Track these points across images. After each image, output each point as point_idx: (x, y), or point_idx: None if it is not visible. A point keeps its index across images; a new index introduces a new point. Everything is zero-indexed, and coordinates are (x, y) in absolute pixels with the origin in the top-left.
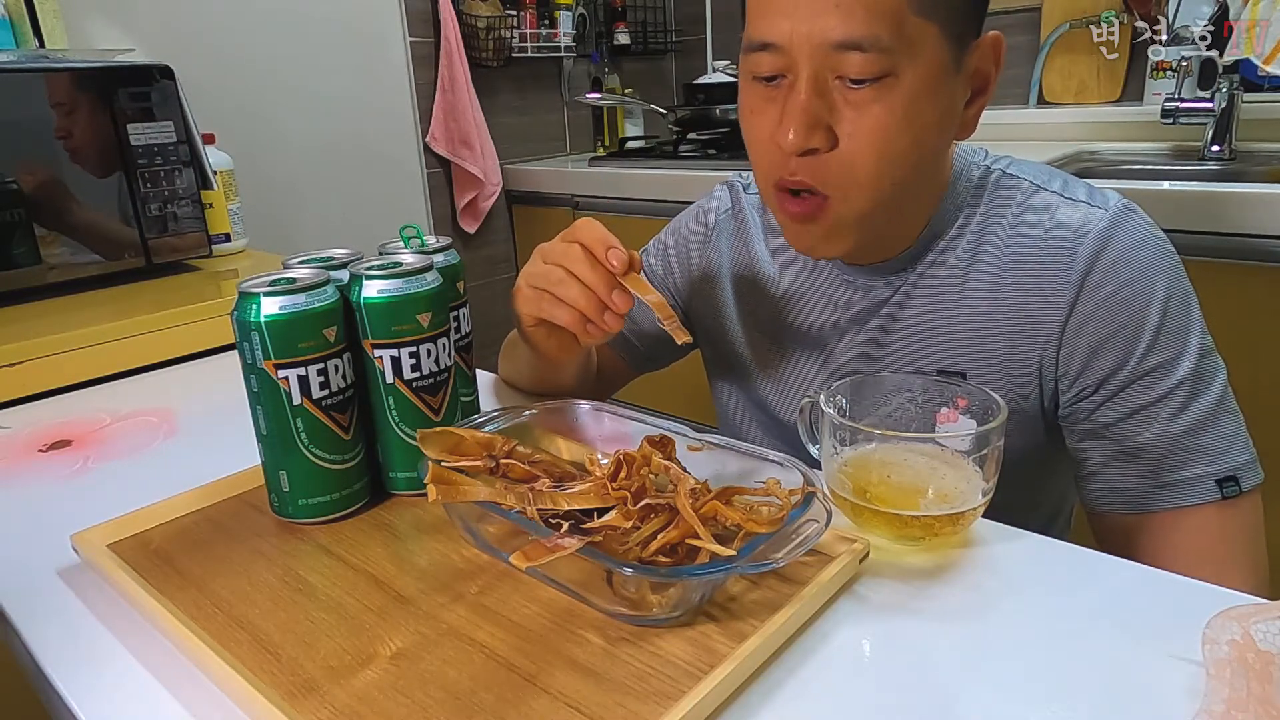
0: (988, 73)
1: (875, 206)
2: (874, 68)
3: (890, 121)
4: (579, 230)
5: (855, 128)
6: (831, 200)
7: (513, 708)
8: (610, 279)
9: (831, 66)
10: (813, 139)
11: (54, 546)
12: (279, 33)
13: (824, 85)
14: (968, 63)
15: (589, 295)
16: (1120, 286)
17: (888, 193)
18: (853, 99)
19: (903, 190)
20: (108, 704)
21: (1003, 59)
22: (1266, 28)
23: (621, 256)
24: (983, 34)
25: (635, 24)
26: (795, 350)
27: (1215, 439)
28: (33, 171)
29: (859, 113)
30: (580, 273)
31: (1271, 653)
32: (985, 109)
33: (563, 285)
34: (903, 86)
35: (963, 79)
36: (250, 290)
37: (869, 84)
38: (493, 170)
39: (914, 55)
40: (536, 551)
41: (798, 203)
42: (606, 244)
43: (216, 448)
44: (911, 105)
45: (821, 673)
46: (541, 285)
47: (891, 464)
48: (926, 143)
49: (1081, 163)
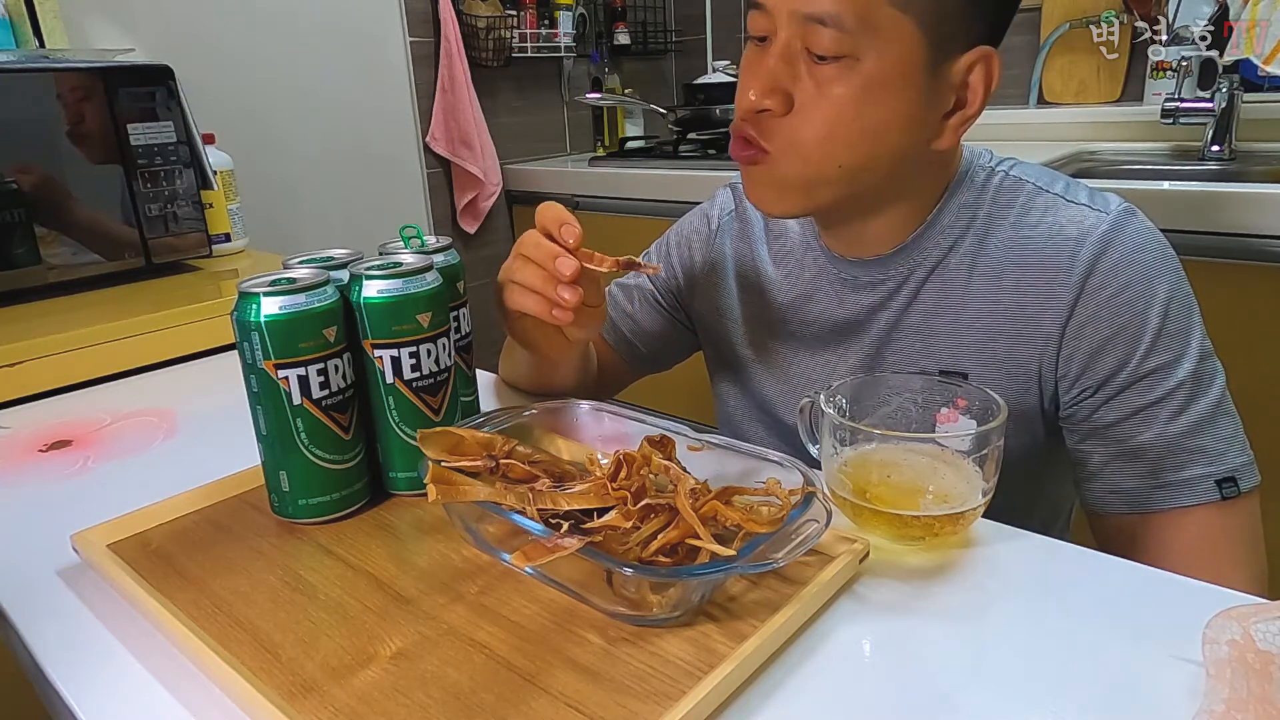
0: (975, 87)
1: (817, 178)
2: (837, 46)
3: (842, 103)
4: (539, 215)
5: (809, 100)
6: (771, 156)
7: (513, 708)
8: (555, 250)
9: (803, 37)
10: (766, 100)
11: (54, 546)
12: (279, 33)
13: (793, 54)
14: (951, 71)
15: (542, 274)
16: (1121, 289)
17: (831, 171)
18: (815, 73)
19: (852, 175)
20: (108, 704)
21: (996, 78)
22: (1266, 28)
23: (575, 232)
24: (981, 48)
25: (635, 24)
26: (798, 350)
27: (1214, 440)
28: (33, 171)
29: (817, 88)
30: (531, 253)
31: (1271, 653)
32: (977, 120)
33: (521, 270)
34: (862, 71)
35: (943, 85)
36: (250, 290)
37: (830, 61)
38: (493, 170)
39: (880, 44)
40: (536, 551)
41: (741, 145)
42: (560, 221)
43: (216, 448)
44: (867, 93)
45: (821, 673)
46: (507, 276)
47: (891, 464)
48: (884, 135)
49: (1081, 163)
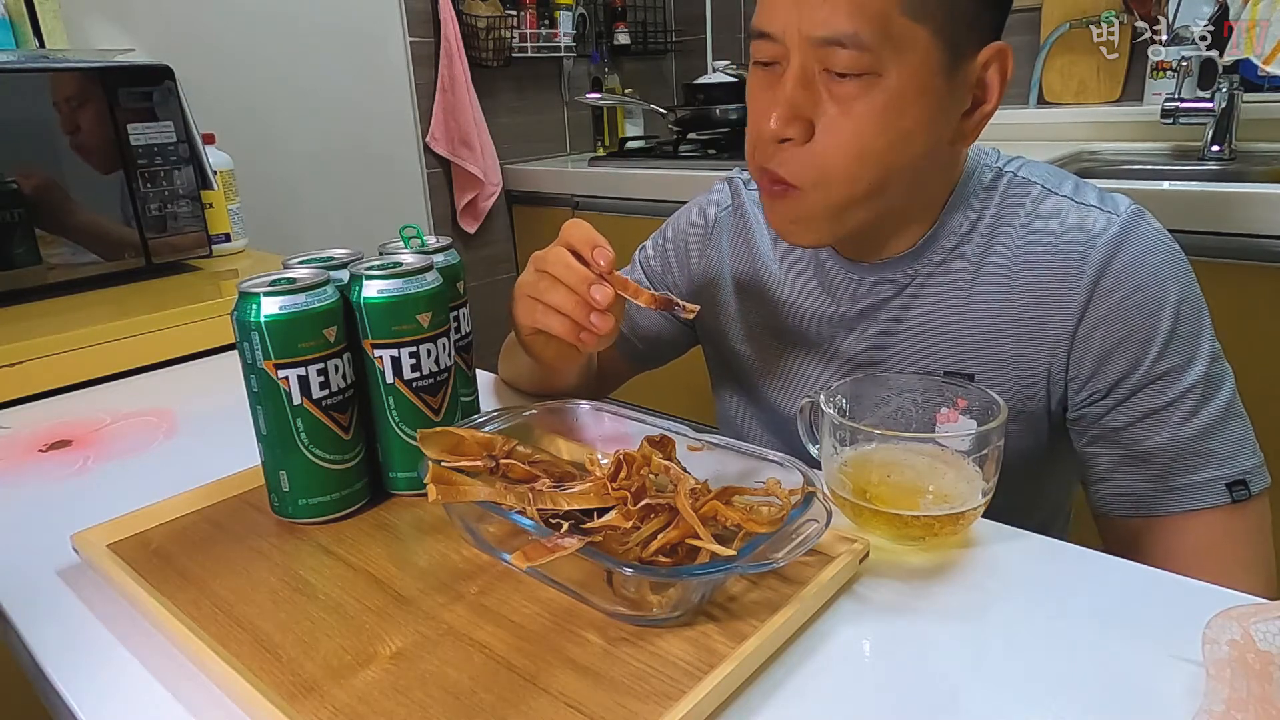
0: (991, 84)
1: (847, 202)
2: (857, 64)
3: (869, 120)
4: (567, 233)
5: (833, 123)
6: (802, 191)
7: (513, 708)
8: (589, 277)
9: (819, 59)
10: (789, 129)
11: (54, 546)
12: (279, 33)
13: (810, 77)
14: (967, 71)
15: (574, 298)
16: (1132, 291)
17: (862, 191)
18: (837, 93)
19: (881, 190)
20: (108, 704)
21: (1010, 71)
22: (1266, 28)
23: (608, 255)
24: (990, 43)
25: (635, 24)
26: (799, 348)
27: (1224, 443)
28: (33, 171)
29: (840, 108)
30: (562, 275)
31: (1271, 653)
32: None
33: (550, 292)
34: (886, 86)
35: (960, 86)
36: (250, 290)
37: (852, 79)
38: (493, 170)
39: (900, 56)
40: (536, 551)
41: (770, 179)
42: (592, 244)
43: (216, 448)
44: (893, 106)
45: (821, 673)
46: (532, 294)
47: (891, 464)
48: (908, 147)
49: (1081, 163)
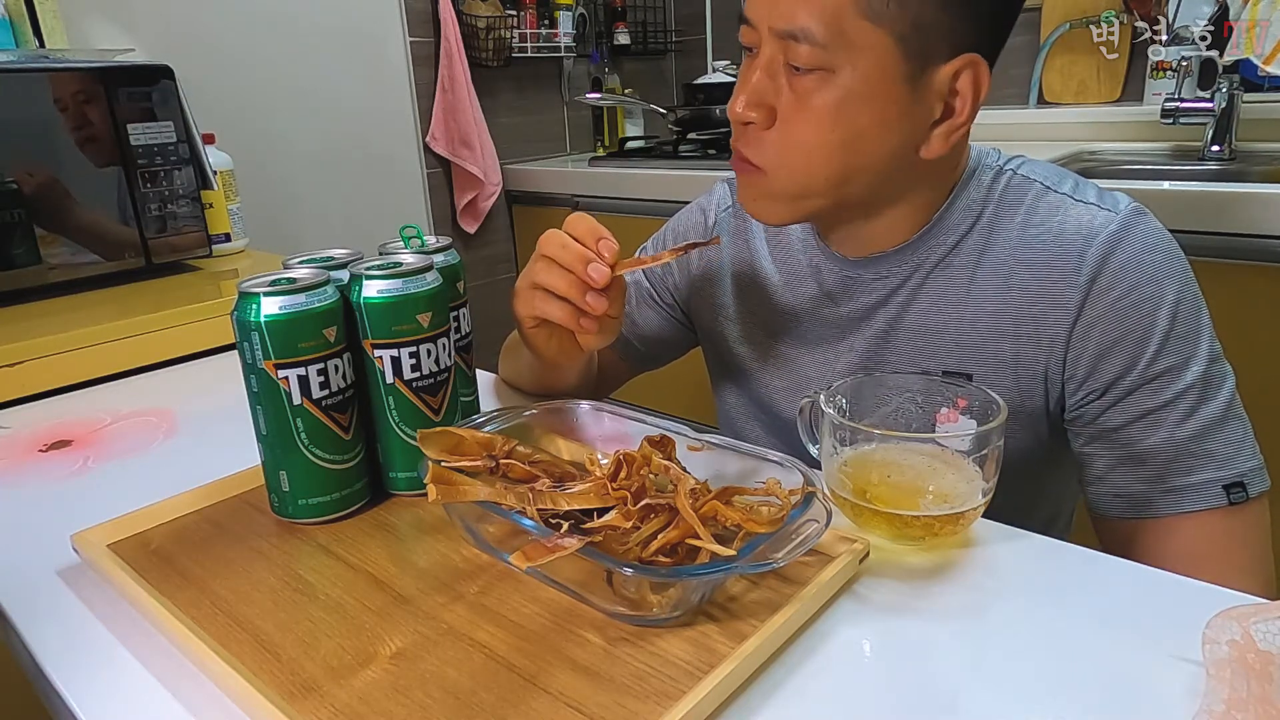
0: (963, 94)
1: (804, 190)
2: (812, 59)
3: (822, 114)
4: (570, 225)
5: (790, 113)
6: (765, 172)
7: (513, 708)
8: (586, 255)
9: (783, 51)
10: (751, 113)
11: (54, 546)
12: (279, 33)
13: (776, 67)
14: (933, 80)
15: (570, 277)
16: (1129, 290)
17: (819, 182)
18: (795, 85)
19: (841, 183)
20: (108, 704)
21: (984, 88)
22: (1266, 28)
23: (612, 247)
24: (967, 55)
25: (635, 24)
26: (798, 348)
27: (1223, 444)
28: (33, 171)
29: (798, 100)
30: (558, 255)
31: (1271, 653)
32: (968, 127)
33: (546, 273)
34: (839, 84)
35: (926, 95)
36: (250, 290)
37: (808, 73)
38: (493, 170)
39: (854, 56)
40: (536, 551)
41: (738, 158)
42: (596, 236)
43: (216, 448)
44: (844, 105)
45: (821, 673)
46: (530, 278)
47: (891, 464)
48: (864, 145)
49: (1081, 163)
